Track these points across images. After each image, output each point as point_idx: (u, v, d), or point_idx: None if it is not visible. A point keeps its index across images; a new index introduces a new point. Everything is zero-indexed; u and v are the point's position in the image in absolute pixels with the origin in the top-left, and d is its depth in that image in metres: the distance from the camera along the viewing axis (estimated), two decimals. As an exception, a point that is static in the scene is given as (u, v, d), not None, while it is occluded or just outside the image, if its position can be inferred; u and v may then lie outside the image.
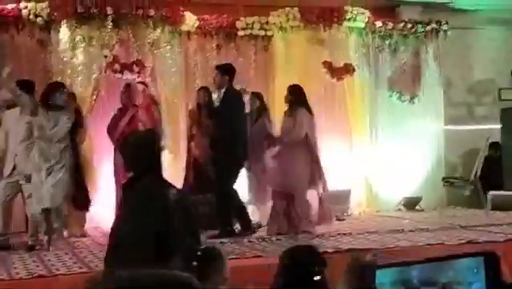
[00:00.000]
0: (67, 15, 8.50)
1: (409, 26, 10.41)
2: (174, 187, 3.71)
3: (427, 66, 10.57)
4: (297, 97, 7.91)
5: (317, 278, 2.99)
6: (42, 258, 6.46)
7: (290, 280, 3.00)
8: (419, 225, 8.13)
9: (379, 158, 10.25)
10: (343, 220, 9.03)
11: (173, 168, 8.46)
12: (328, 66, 9.74)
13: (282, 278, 3.03)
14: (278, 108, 8.97)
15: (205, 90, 8.62)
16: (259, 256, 6.28)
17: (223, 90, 7.84)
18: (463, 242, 6.81)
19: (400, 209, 10.08)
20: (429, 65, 10.58)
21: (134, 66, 8.62)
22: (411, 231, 7.66)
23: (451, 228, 7.84)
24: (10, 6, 8.69)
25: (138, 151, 3.71)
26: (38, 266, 6.01)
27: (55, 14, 8.58)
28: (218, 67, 8.03)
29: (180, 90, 9.33)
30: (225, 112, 7.71)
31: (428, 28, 10.48)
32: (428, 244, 6.74)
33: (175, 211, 3.53)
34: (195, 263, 2.86)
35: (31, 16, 8.66)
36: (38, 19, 8.67)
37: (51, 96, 7.18)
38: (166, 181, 3.74)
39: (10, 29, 8.72)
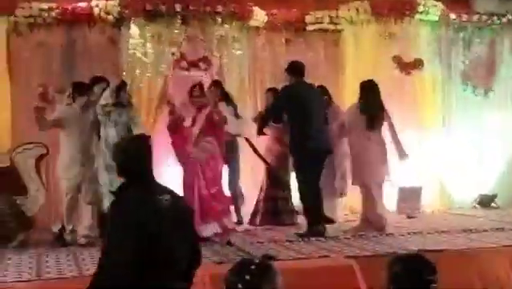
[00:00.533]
0: (136, 13, 8.61)
1: (484, 18, 10.10)
2: (168, 192, 3.54)
3: (502, 58, 10.27)
4: (360, 93, 7.77)
5: (433, 286, 2.95)
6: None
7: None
8: (493, 225, 7.88)
9: (452, 154, 9.99)
10: (414, 217, 8.84)
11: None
12: (398, 60, 9.57)
13: (394, 287, 2.99)
14: (347, 103, 8.82)
15: (272, 91, 8.39)
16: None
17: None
18: (540, 243, 6.55)
19: (475, 207, 9.81)
20: (505, 58, 10.28)
21: (201, 63, 8.65)
22: (484, 231, 7.42)
23: (527, 228, 7.57)
24: (81, 5, 8.84)
25: (127, 155, 3.60)
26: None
27: (125, 11, 8.69)
28: (285, 69, 7.80)
29: (248, 86, 9.31)
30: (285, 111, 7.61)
31: (504, 20, 10.15)
32: (503, 245, 6.50)
33: (166, 219, 3.38)
34: (248, 277, 2.79)
35: (102, 13, 8.79)
36: (109, 17, 8.79)
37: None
38: (159, 186, 3.56)
39: (83, 27, 8.88)
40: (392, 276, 3.02)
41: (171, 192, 3.50)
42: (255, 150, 8.26)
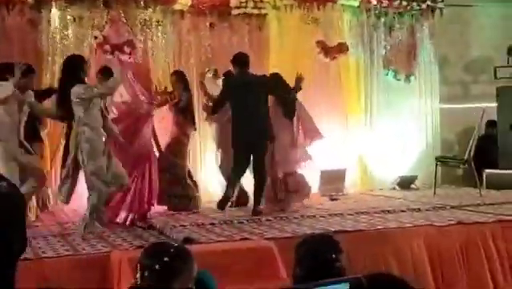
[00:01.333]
0: (57, -6, 8.46)
1: (404, 3, 10.26)
2: (4, 179, 3.51)
3: (422, 44, 10.50)
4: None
5: (338, 264, 3.01)
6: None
7: (309, 269, 3.00)
8: (411, 205, 8.11)
9: (374, 137, 10.22)
10: (337, 200, 9.03)
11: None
12: (322, 45, 9.69)
13: (301, 269, 3.04)
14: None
15: (176, 74, 8.60)
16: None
17: None
18: (452, 222, 6.78)
19: (394, 188, 10.07)
20: (425, 43, 10.50)
21: (125, 46, 8.57)
22: (402, 211, 7.63)
23: (442, 208, 7.82)
24: (-1, -15, 8.62)
25: None
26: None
27: (46, -8, 8.53)
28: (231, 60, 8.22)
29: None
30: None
31: (424, 6, 10.36)
32: (416, 225, 6.71)
33: (4, 206, 3.34)
34: (166, 259, 2.82)
35: (22, -5, 8.59)
36: (29, -2, 8.61)
37: None
38: None
39: (0, 8, 8.64)
40: (298, 258, 3.07)
41: (6, 179, 3.45)
42: (154, 132, 8.21)
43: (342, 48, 9.91)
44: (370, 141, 10.20)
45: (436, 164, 9.35)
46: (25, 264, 5.41)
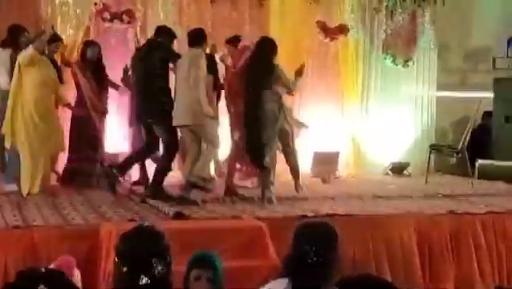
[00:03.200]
0: (58, -42, 8.36)
1: (408, -12, 10.24)
2: None
3: (423, 30, 10.44)
4: None
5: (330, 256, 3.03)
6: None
7: (302, 255, 3.02)
8: (403, 192, 8.11)
9: (369, 121, 10.20)
10: (329, 182, 9.00)
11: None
12: (322, 25, 9.63)
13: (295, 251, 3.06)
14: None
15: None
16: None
17: None
18: (443, 212, 6.78)
19: (387, 174, 10.06)
20: (425, 29, 10.44)
21: (124, 15, 8.49)
22: (393, 198, 7.62)
23: (434, 196, 7.81)
24: None
25: None
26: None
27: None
28: None
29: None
30: None
31: (426, -9, 10.32)
32: (407, 212, 6.71)
33: None
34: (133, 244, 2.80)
35: (21, -43, 8.49)
36: (30, -38, 8.51)
37: None
38: None
39: (1, -27, 8.56)
40: (295, 244, 3.08)
41: None
42: None
43: (342, 29, 9.85)
44: (364, 125, 10.18)
45: (430, 152, 9.33)
46: (15, 231, 5.46)
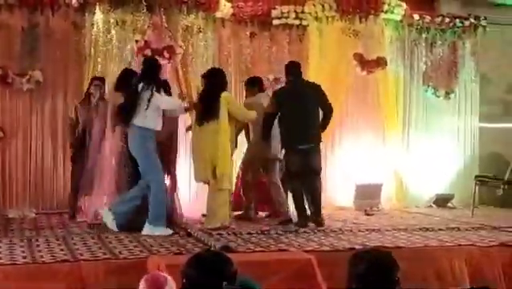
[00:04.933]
0: (101, -2, 8.50)
1: (447, 20, 10.22)
2: None
3: (464, 61, 10.41)
4: None
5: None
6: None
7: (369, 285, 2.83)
8: (449, 224, 7.97)
9: (411, 153, 10.13)
10: (372, 215, 8.91)
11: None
12: (359, 58, 9.60)
13: (358, 284, 2.85)
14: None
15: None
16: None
17: None
18: (494, 243, 6.62)
19: (431, 206, 9.92)
20: (466, 61, 10.41)
21: (165, 51, 8.57)
22: (440, 230, 7.49)
23: (482, 228, 7.66)
24: (45, -12, 8.68)
25: None
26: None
27: (90, -4, 8.57)
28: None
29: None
30: None
31: (467, 23, 10.30)
32: (458, 244, 6.57)
33: None
34: (205, 268, 2.82)
35: (66, -2, 8.65)
36: (73, 1, 8.64)
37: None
38: None
39: (46, 10, 8.70)
40: (355, 274, 2.85)
41: None
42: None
43: (380, 62, 9.80)
44: (407, 157, 10.09)
45: (476, 184, 9.18)
46: (63, 265, 5.44)
